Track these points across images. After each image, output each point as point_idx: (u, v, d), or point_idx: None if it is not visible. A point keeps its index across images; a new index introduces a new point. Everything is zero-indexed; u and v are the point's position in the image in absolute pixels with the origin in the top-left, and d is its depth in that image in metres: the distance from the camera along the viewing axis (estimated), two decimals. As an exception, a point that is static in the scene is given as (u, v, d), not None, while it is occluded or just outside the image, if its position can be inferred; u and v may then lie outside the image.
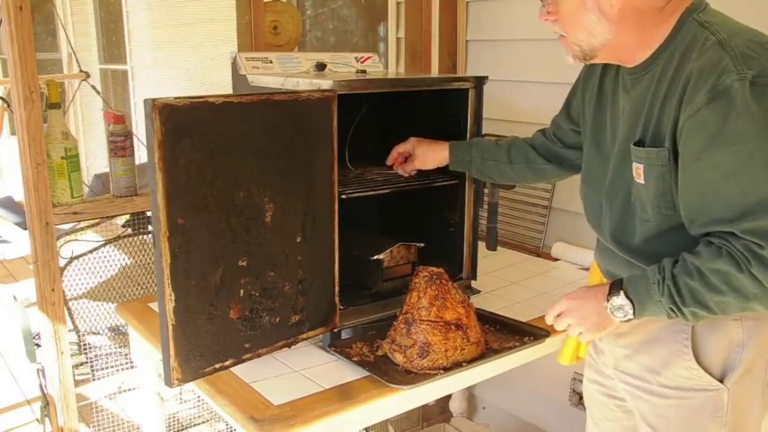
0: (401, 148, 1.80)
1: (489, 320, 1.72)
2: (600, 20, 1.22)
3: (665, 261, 1.20)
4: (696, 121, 1.12)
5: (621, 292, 1.23)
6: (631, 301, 1.22)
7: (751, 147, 1.08)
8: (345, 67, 1.94)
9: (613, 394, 1.50)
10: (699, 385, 1.29)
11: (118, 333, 2.31)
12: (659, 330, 1.32)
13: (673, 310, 1.18)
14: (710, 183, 1.13)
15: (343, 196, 1.61)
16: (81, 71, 4.30)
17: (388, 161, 1.83)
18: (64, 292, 1.98)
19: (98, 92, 4.31)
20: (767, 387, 1.32)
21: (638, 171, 1.27)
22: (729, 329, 1.26)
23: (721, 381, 1.28)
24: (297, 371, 1.51)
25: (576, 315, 1.33)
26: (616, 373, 1.44)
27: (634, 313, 1.22)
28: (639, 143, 1.25)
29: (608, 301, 1.25)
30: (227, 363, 1.37)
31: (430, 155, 1.77)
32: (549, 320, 1.39)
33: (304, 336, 1.52)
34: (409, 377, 1.46)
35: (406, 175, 1.82)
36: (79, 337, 2.22)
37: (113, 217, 2.02)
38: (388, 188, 1.79)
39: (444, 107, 1.77)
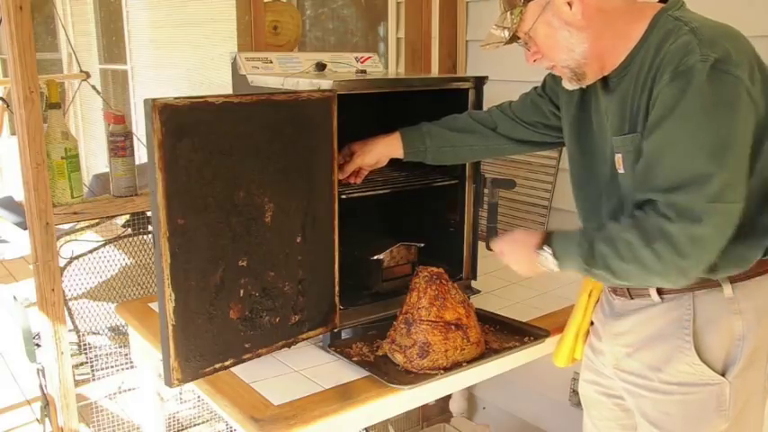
0: (339, 156, 1.61)
1: (489, 320, 1.72)
2: (571, 33, 1.27)
3: (592, 227, 1.31)
4: (659, 98, 1.18)
5: (548, 248, 1.30)
6: (555, 255, 1.30)
7: (696, 125, 1.13)
8: (345, 67, 1.94)
9: (612, 393, 1.51)
10: (701, 380, 1.30)
11: (118, 333, 2.31)
12: (660, 327, 1.33)
13: (586, 270, 1.26)
14: (655, 152, 1.18)
15: (344, 196, 1.61)
16: (81, 71, 4.30)
17: (341, 177, 1.64)
18: (64, 292, 1.98)
19: (98, 92, 4.30)
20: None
21: (618, 161, 1.31)
22: (730, 323, 1.27)
23: (723, 374, 1.29)
24: (297, 371, 1.51)
25: (510, 258, 1.42)
26: (616, 373, 1.44)
27: (558, 266, 1.31)
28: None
29: (537, 252, 1.32)
30: (227, 363, 1.37)
31: (371, 146, 1.67)
32: (493, 247, 1.47)
33: (304, 336, 1.52)
34: (409, 377, 1.46)
35: (358, 181, 1.70)
36: (79, 337, 2.22)
37: (113, 217, 2.02)
38: (388, 188, 1.79)
39: (444, 107, 1.77)
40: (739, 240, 1.20)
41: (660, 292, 1.32)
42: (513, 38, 1.34)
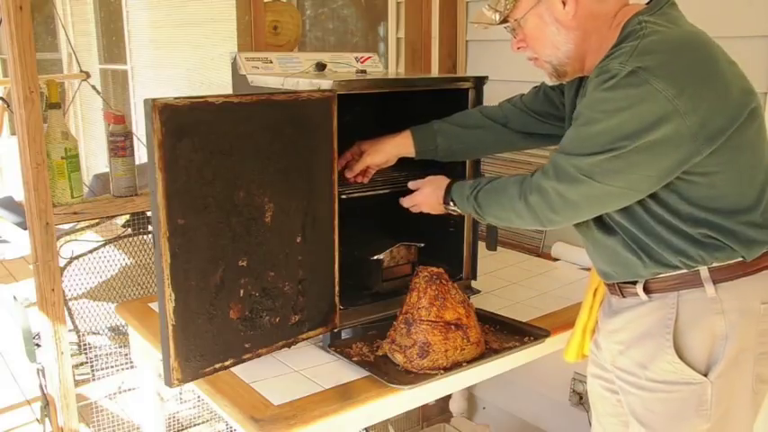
0: (348, 154, 1.70)
1: (489, 320, 1.72)
2: (559, 30, 1.32)
3: (486, 179, 1.44)
4: (586, 92, 1.28)
5: (452, 203, 1.52)
6: (458, 207, 1.52)
7: (596, 116, 1.22)
8: (345, 67, 1.94)
9: (614, 389, 1.51)
10: (683, 379, 1.30)
11: (118, 333, 2.31)
12: (647, 326, 1.34)
13: (479, 219, 1.47)
14: (572, 124, 1.30)
15: (344, 196, 1.61)
16: (81, 71, 4.29)
17: (349, 176, 1.69)
18: (64, 292, 1.98)
19: (98, 92, 4.30)
20: (757, 381, 1.32)
21: None
22: (712, 323, 1.28)
23: (706, 374, 1.29)
24: (297, 371, 1.51)
25: (425, 208, 1.62)
26: (613, 369, 1.45)
27: (463, 213, 1.54)
28: None
29: (444, 204, 1.55)
30: (227, 363, 1.37)
31: (381, 146, 1.68)
32: (404, 204, 1.66)
33: (304, 336, 1.52)
34: (409, 377, 1.46)
35: (366, 180, 1.71)
36: (79, 337, 2.22)
37: (113, 217, 2.02)
38: (388, 188, 1.78)
39: (444, 107, 1.76)
40: (684, 226, 1.27)
41: (648, 290, 1.34)
42: (503, 21, 1.37)
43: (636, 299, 1.36)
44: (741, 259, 1.27)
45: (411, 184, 1.63)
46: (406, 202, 1.64)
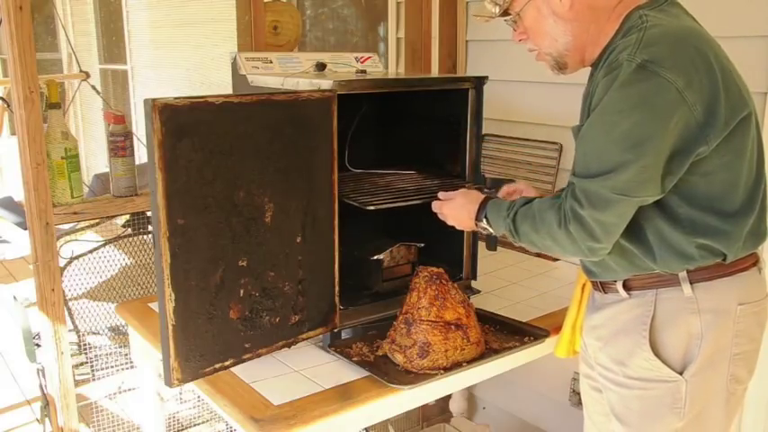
0: (512, 188, 1.68)
1: (489, 320, 1.72)
2: (557, 22, 1.33)
3: (521, 200, 1.38)
4: (595, 91, 1.25)
5: (485, 219, 1.45)
6: (490, 225, 1.45)
7: (613, 119, 1.19)
8: (345, 67, 1.94)
9: (599, 387, 1.52)
10: (659, 376, 1.32)
11: (118, 333, 2.31)
12: (624, 323, 1.36)
13: (513, 240, 1.40)
14: (580, 140, 1.27)
15: (371, 207, 1.58)
16: (81, 71, 4.30)
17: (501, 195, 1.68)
18: (64, 292, 1.98)
19: (98, 92, 4.30)
20: (732, 382, 1.33)
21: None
22: (687, 322, 1.29)
23: (681, 373, 1.30)
24: (297, 371, 1.51)
25: (452, 221, 1.56)
26: (595, 366, 1.47)
27: (495, 233, 1.47)
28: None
29: (476, 221, 1.48)
30: (227, 363, 1.37)
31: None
32: (433, 208, 1.60)
33: (304, 336, 1.52)
34: (409, 377, 1.46)
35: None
36: (79, 337, 2.22)
37: (113, 217, 2.02)
38: (420, 199, 1.69)
39: (444, 107, 1.76)
40: (679, 235, 1.26)
41: (628, 287, 1.35)
42: (504, 14, 1.38)
43: (616, 295, 1.38)
44: (720, 260, 1.28)
45: (441, 195, 1.59)
46: (435, 206, 1.60)
